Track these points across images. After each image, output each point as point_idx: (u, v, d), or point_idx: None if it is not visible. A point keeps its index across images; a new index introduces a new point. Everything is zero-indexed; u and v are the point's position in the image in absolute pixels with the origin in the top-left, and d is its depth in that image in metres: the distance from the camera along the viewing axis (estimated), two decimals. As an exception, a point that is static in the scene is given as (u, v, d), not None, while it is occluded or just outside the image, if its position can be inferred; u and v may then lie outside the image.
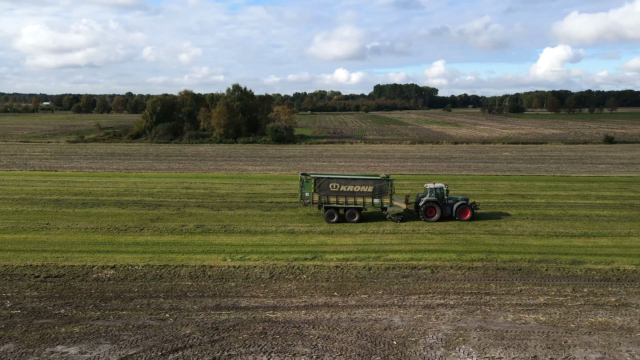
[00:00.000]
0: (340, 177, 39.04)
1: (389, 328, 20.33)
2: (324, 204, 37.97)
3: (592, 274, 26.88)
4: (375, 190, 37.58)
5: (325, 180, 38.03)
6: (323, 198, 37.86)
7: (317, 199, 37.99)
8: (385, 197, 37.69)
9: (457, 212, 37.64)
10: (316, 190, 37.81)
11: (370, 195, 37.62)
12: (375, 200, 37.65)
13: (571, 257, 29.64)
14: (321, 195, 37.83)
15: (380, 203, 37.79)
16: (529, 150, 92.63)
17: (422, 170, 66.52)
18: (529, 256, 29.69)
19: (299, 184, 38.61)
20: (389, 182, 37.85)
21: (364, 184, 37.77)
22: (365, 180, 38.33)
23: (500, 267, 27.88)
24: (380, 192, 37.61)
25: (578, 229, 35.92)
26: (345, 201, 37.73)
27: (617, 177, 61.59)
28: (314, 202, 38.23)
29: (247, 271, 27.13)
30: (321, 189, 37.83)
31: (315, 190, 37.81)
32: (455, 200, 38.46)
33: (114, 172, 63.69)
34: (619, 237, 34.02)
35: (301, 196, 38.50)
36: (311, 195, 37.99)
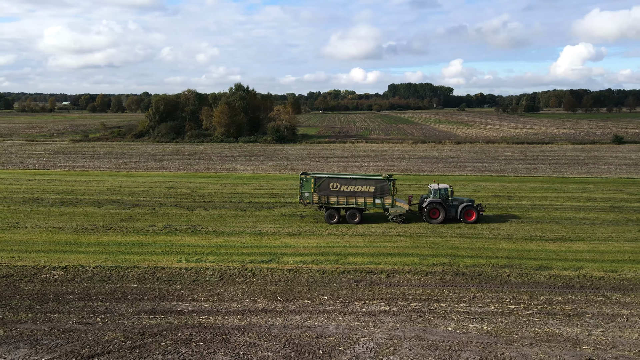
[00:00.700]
0: (341, 177, 37.97)
1: (320, 336, 19.48)
2: (324, 204, 37.12)
3: (555, 281, 25.61)
4: (376, 190, 36.60)
5: (326, 180, 37.11)
6: (323, 198, 37.01)
7: (317, 199, 37.14)
8: (387, 198, 36.65)
9: (461, 214, 36.50)
10: (316, 190, 36.99)
11: (371, 195, 36.64)
12: (377, 200, 36.68)
13: (539, 262, 28.36)
14: (321, 195, 36.98)
15: (382, 204, 36.81)
16: (532, 151, 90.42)
17: (415, 171, 65.28)
18: (494, 261, 28.48)
19: (299, 184, 37.78)
20: (390, 182, 36.73)
21: (365, 183, 36.77)
22: (366, 180, 37.26)
23: (460, 272, 26.76)
24: (382, 193, 36.61)
25: (556, 233, 34.50)
26: (346, 201, 36.82)
27: (616, 178, 59.52)
28: (313, 202, 37.35)
29: (197, 273, 26.51)
30: (321, 188, 37.00)
31: (315, 190, 36.99)
32: (460, 201, 37.29)
33: (104, 171, 63.86)
34: (596, 242, 32.54)
35: (301, 196, 37.73)
36: (311, 195, 37.14)
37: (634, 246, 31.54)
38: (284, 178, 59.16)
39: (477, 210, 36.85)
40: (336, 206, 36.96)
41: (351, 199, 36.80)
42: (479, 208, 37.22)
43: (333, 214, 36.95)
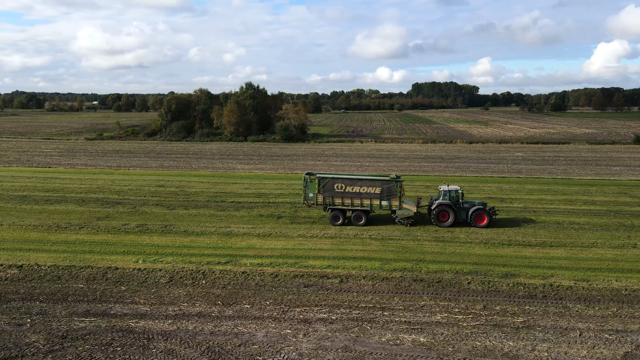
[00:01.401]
0: (346, 178, 36.64)
1: (245, 344, 18.65)
2: (329, 205, 36.06)
3: (517, 290, 24.09)
4: (383, 191, 35.28)
5: (330, 181, 35.99)
6: (328, 199, 35.97)
7: (321, 200, 36.14)
8: (394, 199, 35.28)
9: (472, 218, 34.90)
10: (320, 191, 35.95)
11: (377, 197, 35.34)
12: (384, 202, 35.36)
13: (507, 269, 26.82)
14: (325, 196, 35.94)
15: (388, 205, 35.45)
16: (545, 151, 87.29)
17: (416, 171, 63.64)
18: (460, 267, 27.08)
19: (303, 184, 36.74)
20: (397, 183, 35.33)
21: (371, 184, 35.44)
22: (372, 180, 35.91)
23: (419, 278, 25.50)
24: (388, 194, 35.28)
25: (538, 238, 32.73)
26: (351, 203, 35.64)
27: (626, 180, 56.65)
28: (317, 203, 36.33)
29: (148, 275, 26.02)
30: (325, 189, 35.93)
31: (320, 191, 35.96)
32: (472, 204, 35.68)
33: (103, 169, 64.46)
34: (578, 248, 30.68)
35: (304, 197, 36.75)
36: (315, 196, 36.12)
37: (617, 253, 29.59)
38: (277, 177, 58.51)
39: (489, 214, 35.17)
40: (341, 208, 35.79)
41: (356, 201, 35.55)
42: (492, 212, 35.55)
43: (338, 215, 35.82)
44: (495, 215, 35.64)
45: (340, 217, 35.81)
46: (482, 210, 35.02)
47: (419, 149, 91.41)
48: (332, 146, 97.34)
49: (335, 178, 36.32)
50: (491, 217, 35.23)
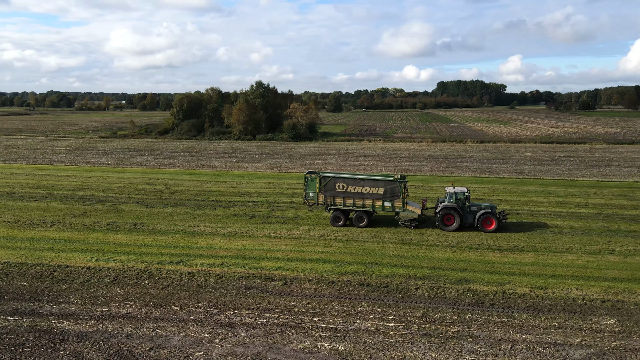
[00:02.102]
0: (348, 177, 35.11)
1: (156, 348, 18.12)
2: (330, 205, 34.99)
3: (465, 297, 22.85)
4: (386, 192, 33.87)
5: (332, 180, 34.79)
6: (329, 199, 34.85)
7: (322, 200, 35.05)
8: (397, 201, 33.76)
9: (479, 221, 33.01)
10: (321, 191, 34.86)
11: (380, 197, 33.97)
12: (387, 203, 33.96)
13: (464, 274, 25.55)
14: (327, 196, 34.83)
15: (391, 207, 34.03)
16: (557, 151, 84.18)
17: (413, 170, 62.10)
18: (415, 271, 25.93)
19: (304, 183, 35.70)
20: (401, 183, 33.74)
21: (374, 185, 34.05)
22: (375, 181, 34.41)
23: (367, 282, 24.50)
24: (392, 195, 33.84)
25: (512, 242, 31.18)
26: (352, 203, 34.44)
27: (631, 182, 53.90)
28: (318, 203, 35.29)
29: (95, 273, 25.82)
30: (327, 189, 34.81)
31: (321, 191, 34.87)
32: (479, 207, 33.78)
33: (102, 167, 65.25)
34: (550, 253, 29.07)
35: (305, 196, 35.77)
36: (316, 196, 35.05)
37: (589, 260, 27.88)
38: (269, 176, 58.02)
39: (498, 218, 33.10)
40: (342, 208, 34.62)
41: (358, 201, 34.31)
42: (501, 216, 33.45)
43: (339, 216, 34.71)
44: (505, 220, 33.57)
45: (341, 218, 34.69)
46: (489, 214, 33.00)
47: (426, 149, 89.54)
48: (338, 145, 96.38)
49: (337, 177, 34.96)
50: (500, 221, 33.17)
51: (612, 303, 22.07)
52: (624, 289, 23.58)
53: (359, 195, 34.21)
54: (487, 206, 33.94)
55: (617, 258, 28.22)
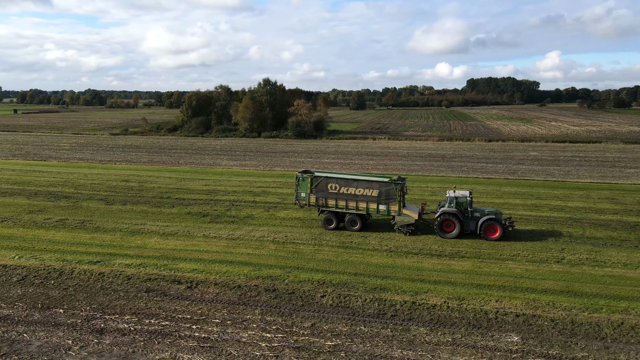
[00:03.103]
0: (340, 177, 32.72)
1: (11, 354, 17.40)
2: (322, 207, 32.98)
3: (369, 306, 21.26)
4: (381, 194, 31.40)
5: (324, 180, 32.67)
6: (321, 200, 32.79)
7: (313, 201, 33.05)
8: (393, 204, 31.28)
9: (482, 229, 30.00)
10: (312, 191, 32.87)
11: (375, 200, 31.60)
12: (381, 206, 31.52)
13: (384, 281, 23.92)
14: (318, 197, 32.79)
15: (386, 210, 31.53)
16: (567, 150, 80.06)
17: (402, 170, 60.00)
18: (334, 277, 24.46)
19: (295, 183, 33.84)
20: (397, 185, 31.22)
21: (368, 186, 31.68)
22: (369, 182, 31.89)
23: (274, 288, 23.21)
24: (387, 197, 31.33)
25: (457, 247, 29.22)
26: (345, 205, 32.28)
27: (628, 184, 50.37)
28: (310, 204, 33.32)
29: (6, 272, 25.39)
30: (318, 189, 32.78)
31: (312, 191, 32.89)
32: (482, 213, 30.85)
33: (91, 164, 65.87)
34: (491, 261, 27.01)
35: (296, 196, 33.78)
36: (307, 197, 33.13)
37: (530, 269, 25.71)
38: (250, 174, 57.11)
39: (503, 225, 30.06)
40: (335, 210, 32.53)
41: (352, 203, 32.10)
42: (509, 223, 30.46)
43: (331, 219, 32.59)
44: (511, 227, 30.37)
45: (333, 221, 32.52)
46: (493, 221, 29.98)
47: (427, 147, 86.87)
48: (340, 143, 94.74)
49: (329, 177, 32.75)
50: (505, 228, 30.13)
51: (525, 318, 20.08)
52: (548, 302, 21.49)
53: (352, 197, 31.96)
54: (492, 212, 30.79)
55: (561, 267, 25.94)
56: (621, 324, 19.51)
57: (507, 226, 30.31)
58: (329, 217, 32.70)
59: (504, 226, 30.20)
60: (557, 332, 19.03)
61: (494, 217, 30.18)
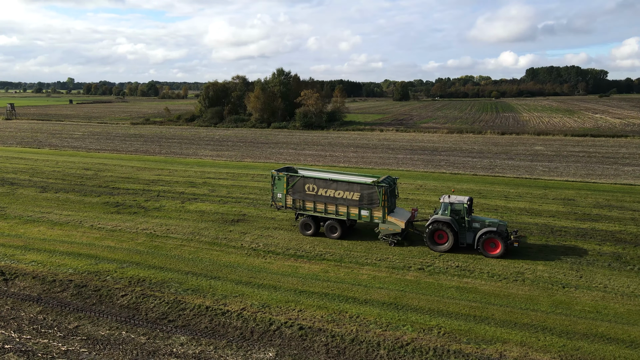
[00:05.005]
0: (319, 178, 28.84)
1: None
2: (299, 210, 29.71)
3: (157, 309, 19.76)
4: (362, 198, 27.54)
5: (300, 180, 29.12)
6: (298, 202, 29.46)
7: (291, 203, 29.74)
8: (376, 210, 27.38)
9: (480, 243, 25.35)
10: (289, 192, 29.57)
11: (356, 204, 27.75)
12: (363, 212, 27.71)
13: (206, 282, 22.29)
14: (295, 198, 29.45)
15: (369, 216, 27.68)
16: (577, 145, 73.14)
17: (378, 162, 57.20)
18: (161, 275, 23.14)
19: (271, 182, 30.42)
20: (381, 188, 27.05)
21: (349, 188, 27.79)
22: (349, 184, 27.88)
23: (86, 284, 22.21)
24: (369, 202, 27.45)
25: (317, 248, 26.90)
26: (324, 209, 28.72)
27: (607, 184, 44.91)
28: (287, 206, 29.96)
29: None
30: (295, 190, 29.35)
31: (288, 192, 29.62)
32: (483, 224, 25.97)
33: (79, 152, 67.82)
34: (345, 264, 24.53)
35: (273, 197, 30.41)
36: (284, 198, 29.88)
37: (379, 276, 23.07)
38: (213, 165, 56.45)
39: (505, 241, 25.15)
40: (313, 214, 29.07)
41: (331, 207, 28.46)
42: (514, 237, 25.60)
43: (308, 223, 29.20)
44: (517, 243, 25.44)
45: (311, 226, 29.09)
46: (494, 235, 25.09)
47: (428, 139, 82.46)
48: (341, 134, 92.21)
49: (306, 177, 29.10)
50: (508, 244, 25.27)
51: (312, 332, 17.82)
52: (357, 315, 18.99)
53: (332, 200, 28.28)
54: (493, 223, 25.79)
55: (416, 275, 23.07)
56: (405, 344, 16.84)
57: (512, 241, 25.42)
58: (306, 222, 29.30)
59: (508, 241, 25.38)
60: (326, 350, 16.68)
61: (495, 230, 25.14)
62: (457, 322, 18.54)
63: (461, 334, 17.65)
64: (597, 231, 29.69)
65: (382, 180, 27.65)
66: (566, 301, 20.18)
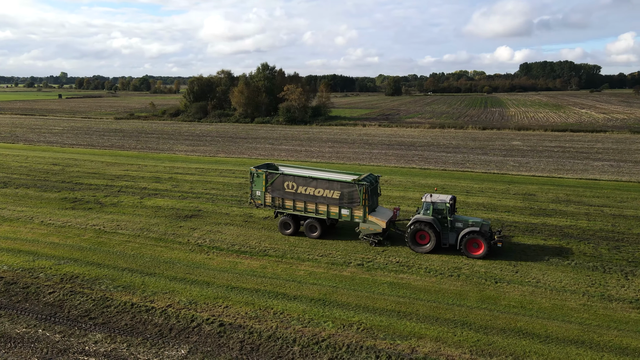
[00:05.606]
0: (298, 175, 28.16)
1: None
2: (278, 208, 29.03)
3: (82, 306, 19.54)
4: (343, 196, 26.80)
5: (279, 177, 28.42)
6: (277, 201, 28.74)
7: (270, 201, 29.02)
8: (357, 209, 26.67)
9: (463, 243, 24.67)
10: (268, 190, 28.84)
11: (336, 203, 27.03)
12: (344, 211, 26.97)
13: (141, 279, 22.07)
14: (274, 196, 28.74)
15: (350, 215, 26.96)
16: (554, 140, 73.19)
17: (351, 157, 57.03)
18: (97, 271, 22.91)
19: (249, 180, 29.69)
20: (361, 186, 26.30)
21: (329, 187, 27.04)
22: (329, 182, 27.13)
23: (16, 281, 21.97)
24: (350, 201, 26.72)
25: (262, 244, 26.74)
26: (304, 208, 28.04)
27: (583, 180, 44.89)
28: (266, 204, 29.21)
29: None
30: (274, 188, 28.64)
31: (267, 190, 28.88)
32: (466, 223, 25.34)
33: (52, 147, 67.30)
34: (288, 260, 24.38)
35: (251, 195, 29.65)
36: (263, 196, 29.16)
37: (315, 272, 22.91)
38: (184, 160, 56.15)
39: (488, 241, 24.39)
40: (292, 213, 28.41)
41: (311, 206, 27.79)
42: (498, 237, 24.93)
43: (288, 222, 28.49)
44: (500, 243, 24.67)
45: (291, 225, 28.43)
46: (477, 234, 24.47)
47: (407, 134, 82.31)
48: (322, 130, 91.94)
49: (286, 175, 28.42)
50: (492, 243, 24.66)
51: (231, 329, 17.66)
52: (280, 311, 18.86)
53: (312, 198, 27.59)
54: (476, 222, 25.14)
55: (352, 271, 22.94)
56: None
57: (496, 241, 24.75)
58: (285, 221, 28.61)
59: (491, 241, 24.76)
60: (240, 347, 16.53)
61: (478, 230, 24.52)
62: (379, 317, 18.42)
63: (380, 329, 17.54)
64: (547, 226, 29.66)
65: (363, 178, 26.99)
66: (494, 296, 20.12)
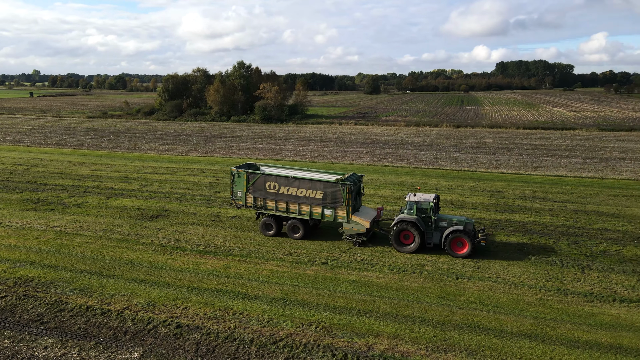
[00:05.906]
0: (280, 175, 27.65)
1: None
2: (260, 209, 28.48)
3: (36, 310, 19.01)
4: (326, 196, 26.42)
5: (261, 177, 27.88)
6: (259, 201, 28.22)
7: (251, 202, 28.51)
8: (340, 209, 26.29)
9: (447, 242, 24.53)
10: (249, 190, 28.34)
11: (319, 203, 26.67)
12: (327, 211, 26.60)
13: (99, 281, 21.58)
14: (256, 197, 28.22)
15: (333, 216, 26.60)
16: (525, 137, 74.39)
17: (331, 158, 56.92)
18: (55, 274, 22.33)
19: (230, 180, 29.40)
20: (345, 186, 25.94)
21: (311, 186, 26.65)
22: (312, 181, 26.75)
23: (-30, 285, 21.31)
24: (333, 201, 26.34)
25: (229, 244, 26.49)
26: (286, 208, 27.59)
27: (549, 177, 45.65)
28: (247, 204, 28.70)
29: None
30: (255, 188, 28.12)
31: (249, 190, 28.39)
32: (450, 222, 25.22)
33: (18, 147, 65.64)
34: (252, 259, 24.17)
35: (232, 195, 29.21)
36: (244, 196, 28.66)
37: (278, 271, 22.74)
38: (155, 159, 55.33)
39: (472, 239, 24.30)
40: (274, 214, 27.91)
41: (293, 206, 27.37)
42: (481, 235, 24.67)
43: (270, 223, 27.99)
44: (484, 241, 24.57)
45: (273, 226, 27.91)
46: (461, 233, 24.36)
47: (384, 132, 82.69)
48: (298, 128, 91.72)
49: (267, 175, 27.87)
50: (475, 243, 24.46)
51: (188, 331, 17.39)
52: (242, 311, 18.66)
53: (294, 198, 27.19)
54: (460, 221, 25.05)
55: (316, 269, 22.83)
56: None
57: (479, 240, 24.61)
58: (267, 222, 28.09)
59: (475, 239, 24.61)
60: (196, 349, 16.28)
61: (462, 229, 24.44)
62: (339, 316, 18.35)
63: (338, 328, 17.47)
64: (511, 222, 30.06)
65: (346, 178, 26.58)
66: (454, 292, 20.25)
